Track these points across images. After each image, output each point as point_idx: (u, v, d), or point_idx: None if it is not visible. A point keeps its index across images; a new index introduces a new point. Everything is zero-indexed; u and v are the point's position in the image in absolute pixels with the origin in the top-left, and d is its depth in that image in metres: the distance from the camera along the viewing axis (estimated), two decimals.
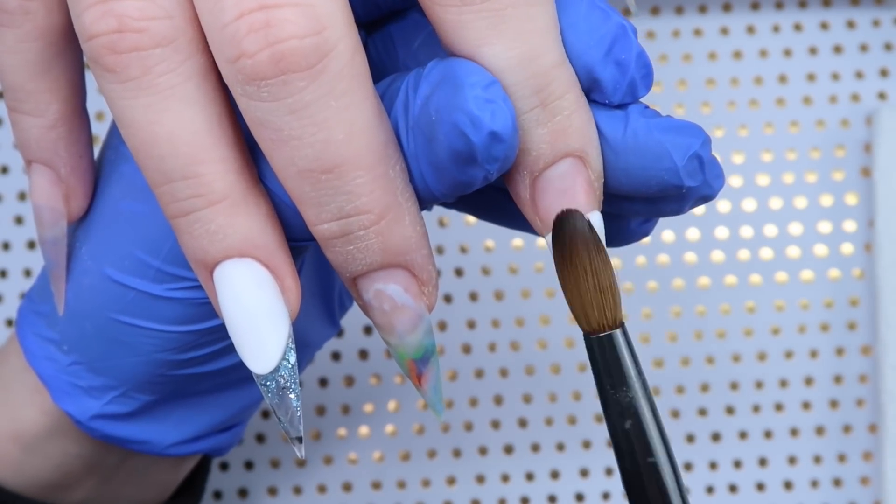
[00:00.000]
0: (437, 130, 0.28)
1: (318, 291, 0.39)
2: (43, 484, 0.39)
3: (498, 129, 0.28)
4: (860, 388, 0.52)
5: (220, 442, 0.39)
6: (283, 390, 0.31)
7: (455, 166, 0.28)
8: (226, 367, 0.36)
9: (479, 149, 0.28)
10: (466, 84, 0.28)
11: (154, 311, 0.34)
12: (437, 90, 0.29)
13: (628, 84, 0.30)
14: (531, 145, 0.29)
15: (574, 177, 0.29)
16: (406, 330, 0.30)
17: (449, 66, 0.29)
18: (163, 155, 0.29)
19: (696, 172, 0.30)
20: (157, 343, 0.34)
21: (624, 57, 0.29)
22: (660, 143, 0.30)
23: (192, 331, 0.34)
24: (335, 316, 0.40)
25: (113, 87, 0.29)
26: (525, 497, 0.52)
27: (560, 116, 0.29)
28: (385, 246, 0.29)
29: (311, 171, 0.28)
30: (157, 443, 0.37)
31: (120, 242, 0.34)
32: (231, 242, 0.29)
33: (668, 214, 0.32)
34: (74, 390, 0.36)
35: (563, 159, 0.29)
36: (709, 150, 0.30)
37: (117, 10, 0.28)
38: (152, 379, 0.35)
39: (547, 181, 0.29)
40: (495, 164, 0.28)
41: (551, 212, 0.30)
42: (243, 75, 0.28)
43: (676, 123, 0.30)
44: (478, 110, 0.28)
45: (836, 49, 0.52)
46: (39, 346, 0.36)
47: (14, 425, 0.38)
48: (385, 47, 0.34)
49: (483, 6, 0.28)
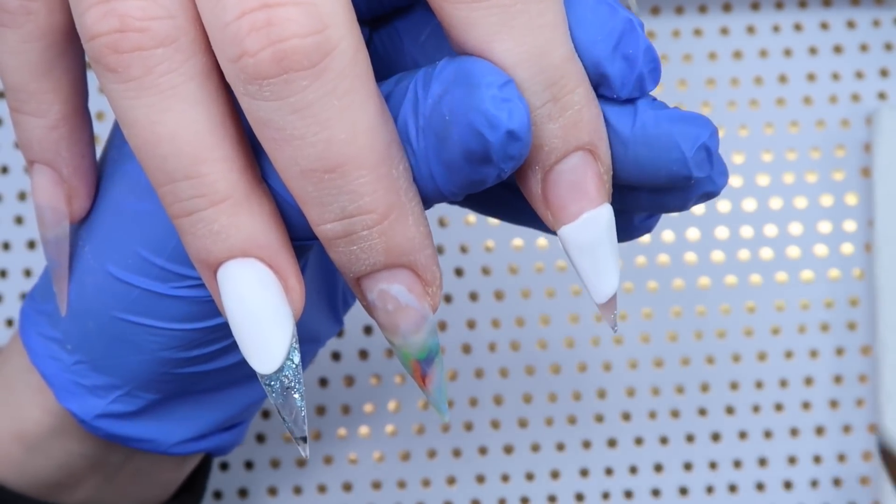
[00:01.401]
0: (451, 130, 0.28)
1: (322, 288, 0.39)
2: (46, 483, 0.39)
3: (515, 127, 0.28)
4: (860, 388, 0.52)
5: (224, 440, 0.39)
6: (288, 390, 0.30)
7: (469, 165, 0.28)
8: (230, 364, 0.36)
9: (496, 148, 0.28)
10: (483, 84, 0.28)
11: (158, 309, 0.34)
12: (451, 90, 0.28)
13: (636, 78, 0.30)
14: (544, 140, 0.29)
15: (585, 170, 0.29)
16: (410, 330, 0.30)
17: (462, 65, 0.29)
18: (165, 155, 0.29)
19: (704, 163, 0.30)
20: (161, 341, 0.34)
21: (632, 51, 0.29)
22: (669, 133, 0.30)
23: (196, 328, 0.34)
24: (339, 312, 0.40)
25: (115, 87, 0.29)
26: (525, 497, 0.52)
27: (571, 111, 0.29)
28: (388, 246, 0.29)
29: (313, 170, 0.28)
30: (162, 441, 0.37)
31: (124, 241, 0.34)
32: (234, 242, 0.29)
33: (672, 209, 0.32)
34: (78, 389, 0.36)
35: (574, 153, 0.29)
36: (716, 142, 0.30)
37: (119, 9, 0.28)
38: (157, 377, 0.35)
39: (558, 175, 0.29)
40: (510, 163, 0.28)
41: (562, 205, 0.30)
42: (245, 74, 0.28)
43: (685, 114, 0.30)
44: (495, 110, 0.28)
45: (836, 49, 0.52)
46: (42, 345, 0.36)
47: (17, 425, 0.38)
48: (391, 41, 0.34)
49: (492, 2, 0.28)
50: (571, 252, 0.30)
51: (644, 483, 0.52)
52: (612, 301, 0.31)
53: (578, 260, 0.30)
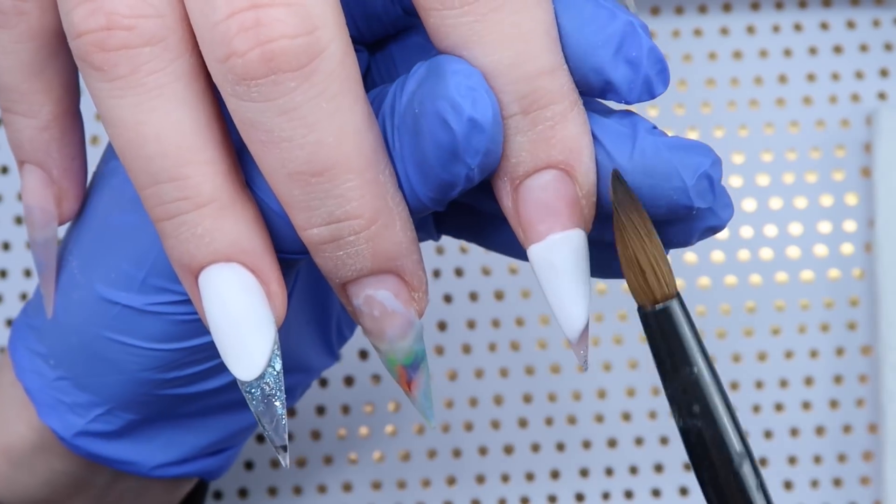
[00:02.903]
0: (420, 122, 0.28)
1: (313, 318, 0.38)
2: (33, 500, 0.38)
3: (478, 116, 0.27)
4: (860, 388, 0.52)
5: (210, 465, 0.38)
6: (269, 398, 0.30)
7: (438, 161, 0.28)
8: (211, 389, 0.35)
9: (460, 138, 0.27)
10: (449, 72, 0.28)
11: (137, 328, 0.33)
12: (423, 83, 0.28)
13: (643, 82, 0.29)
14: (511, 151, 0.29)
15: (556, 189, 0.29)
16: (396, 336, 0.30)
17: (434, 61, 0.29)
18: (150, 155, 0.28)
19: (706, 192, 0.29)
20: (140, 361, 0.34)
21: (634, 54, 0.29)
22: (668, 161, 0.29)
23: (175, 349, 0.33)
24: (333, 345, 0.40)
25: (100, 86, 0.28)
26: (525, 497, 0.52)
27: (542, 126, 0.28)
28: (375, 251, 0.29)
29: (301, 173, 0.28)
30: (143, 464, 0.37)
31: (108, 255, 0.33)
32: (217, 246, 0.29)
33: (675, 245, 0.31)
34: (60, 406, 0.36)
35: (546, 170, 0.29)
36: (719, 171, 0.29)
37: (106, 7, 0.28)
38: (137, 398, 0.35)
39: (528, 190, 0.29)
40: (476, 158, 0.28)
41: (531, 223, 0.29)
42: (233, 75, 0.27)
43: (685, 142, 0.29)
44: (459, 97, 0.27)
45: (836, 49, 0.52)
46: (28, 360, 0.36)
47: (4, 439, 0.37)
48: (387, 68, 0.34)
49: (464, 10, 0.28)
50: (537, 273, 0.30)
51: (644, 483, 0.52)
52: (583, 335, 0.30)
53: (543, 282, 0.30)
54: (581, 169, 0.29)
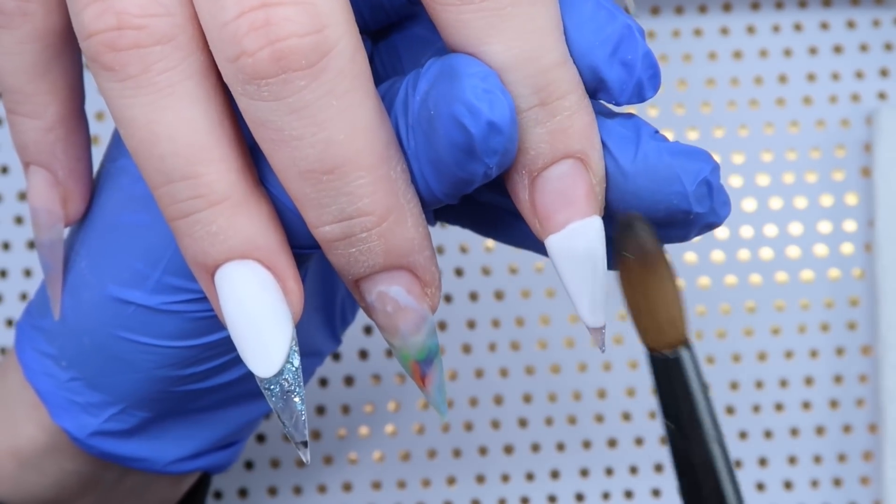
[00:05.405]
0: (435, 124, 0.28)
1: (320, 305, 0.38)
2: (40, 500, 0.38)
3: (496, 119, 0.27)
4: (860, 388, 0.52)
5: (220, 459, 0.39)
6: (288, 394, 0.30)
7: (454, 161, 0.28)
8: (225, 382, 0.35)
9: (478, 140, 0.28)
10: (464, 74, 0.28)
11: (153, 326, 0.33)
12: (436, 84, 0.28)
13: (635, 84, 0.29)
14: (530, 144, 0.29)
15: (574, 178, 0.29)
16: (410, 331, 0.30)
17: (447, 60, 0.28)
18: (162, 154, 0.28)
19: (705, 198, 0.30)
20: (156, 359, 0.34)
21: (630, 57, 0.29)
22: (670, 166, 0.29)
23: (191, 346, 0.33)
24: (336, 330, 0.40)
25: (112, 86, 0.28)
26: (525, 497, 0.52)
27: (560, 116, 0.29)
28: (387, 248, 0.29)
29: (312, 171, 0.28)
30: (156, 460, 0.37)
31: (120, 255, 0.33)
32: (233, 244, 0.29)
33: (673, 241, 0.31)
34: (73, 407, 0.36)
35: (563, 160, 0.29)
36: (717, 177, 0.30)
37: (117, 7, 0.28)
38: (152, 396, 0.35)
39: (546, 181, 0.29)
40: (494, 158, 0.28)
41: (549, 214, 0.29)
42: (244, 74, 0.27)
43: (686, 148, 0.30)
44: (476, 100, 0.27)
45: (836, 49, 0.52)
46: (38, 362, 0.36)
47: (12, 441, 0.37)
48: (391, 59, 0.34)
49: (482, 5, 0.28)
50: (557, 263, 0.30)
51: (644, 483, 0.52)
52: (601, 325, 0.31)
53: (564, 272, 0.30)
54: (595, 157, 0.29)
